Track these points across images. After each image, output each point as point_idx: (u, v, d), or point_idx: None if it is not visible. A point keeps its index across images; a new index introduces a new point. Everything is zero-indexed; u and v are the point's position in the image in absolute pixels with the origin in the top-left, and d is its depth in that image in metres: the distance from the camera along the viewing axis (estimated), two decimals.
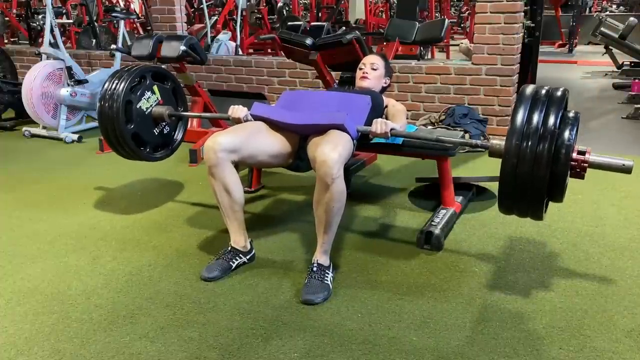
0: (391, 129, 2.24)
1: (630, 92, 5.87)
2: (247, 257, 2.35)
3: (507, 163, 1.80)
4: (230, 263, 2.28)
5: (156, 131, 2.78)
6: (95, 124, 5.08)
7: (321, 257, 2.17)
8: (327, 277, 2.13)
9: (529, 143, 1.76)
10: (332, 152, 2.04)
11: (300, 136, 2.40)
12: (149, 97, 2.69)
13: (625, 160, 1.88)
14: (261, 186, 3.35)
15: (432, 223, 2.59)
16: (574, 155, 1.84)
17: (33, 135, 4.78)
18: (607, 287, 2.14)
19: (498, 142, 2.01)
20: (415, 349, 1.79)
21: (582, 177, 1.88)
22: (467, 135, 3.98)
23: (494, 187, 3.27)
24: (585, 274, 2.25)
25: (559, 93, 1.85)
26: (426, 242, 2.49)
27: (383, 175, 3.63)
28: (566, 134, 1.79)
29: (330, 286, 2.12)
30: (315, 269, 2.14)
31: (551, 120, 1.77)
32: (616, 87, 6.82)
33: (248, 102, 4.87)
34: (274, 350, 1.79)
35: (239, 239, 2.33)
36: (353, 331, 1.88)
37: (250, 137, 2.28)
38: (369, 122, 2.40)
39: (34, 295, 2.15)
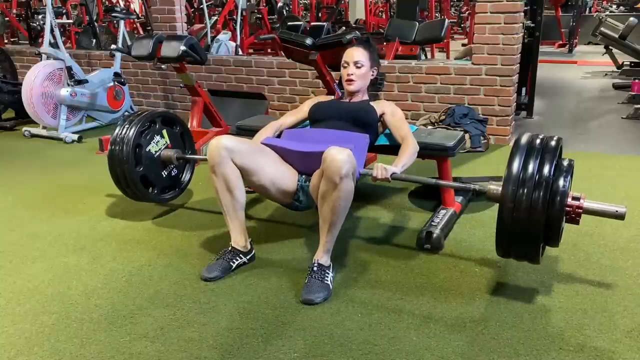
0: (392, 174, 2.25)
1: (630, 92, 5.87)
2: (247, 257, 2.35)
3: (504, 208, 1.87)
4: (231, 263, 2.28)
5: (164, 173, 2.85)
6: (95, 123, 5.09)
7: (322, 257, 2.17)
8: (327, 277, 2.13)
9: (525, 190, 1.83)
10: (340, 153, 2.03)
11: (301, 176, 2.39)
12: (157, 141, 2.77)
13: (619, 206, 1.93)
14: None
15: (432, 223, 2.59)
16: (569, 201, 1.91)
17: (33, 135, 4.78)
18: (607, 287, 2.14)
19: (495, 187, 2.06)
20: (415, 349, 1.79)
21: (577, 223, 1.95)
22: (467, 135, 3.98)
23: None
24: (585, 274, 2.25)
25: (553, 142, 1.94)
26: (426, 242, 2.49)
27: None
28: (561, 181, 1.87)
29: (330, 286, 2.12)
30: (315, 268, 2.14)
31: (546, 168, 1.85)
32: (616, 87, 6.82)
33: (248, 102, 4.91)
34: (274, 350, 1.79)
35: (239, 238, 2.33)
36: (353, 331, 1.88)
37: (256, 152, 2.32)
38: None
39: (34, 295, 2.15)
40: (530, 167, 1.86)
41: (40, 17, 7.78)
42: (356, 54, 2.59)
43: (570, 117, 5.37)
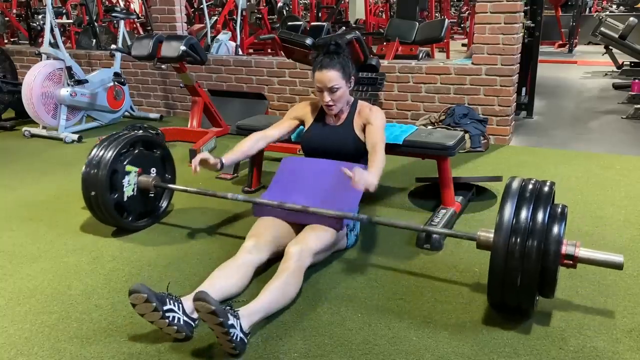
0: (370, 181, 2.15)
1: (630, 92, 5.88)
2: (184, 316, 1.84)
3: (496, 258, 1.78)
4: (164, 299, 1.80)
5: (141, 199, 2.70)
6: (95, 123, 5.09)
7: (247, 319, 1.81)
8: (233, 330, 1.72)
9: (518, 239, 1.75)
10: (296, 245, 2.12)
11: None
12: (129, 182, 2.62)
13: (616, 255, 1.85)
14: (261, 186, 3.35)
15: (432, 223, 2.59)
16: (564, 250, 1.81)
17: (33, 135, 4.78)
18: (607, 287, 2.14)
19: (486, 234, 1.95)
20: (415, 349, 1.79)
21: (575, 267, 1.86)
22: (467, 135, 3.98)
23: (493, 187, 3.27)
24: (586, 274, 2.25)
25: (546, 188, 1.87)
26: (426, 242, 2.49)
27: (383, 175, 3.61)
28: (555, 229, 1.79)
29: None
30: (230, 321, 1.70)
31: (539, 215, 1.77)
32: (616, 87, 6.82)
33: (248, 102, 4.91)
34: (274, 350, 1.79)
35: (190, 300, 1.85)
36: (353, 331, 1.88)
37: (278, 238, 2.27)
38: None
39: (34, 295, 2.15)
40: (523, 214, 1.78)
41: (40, 17, 7.79)
42: (328, 78, 2.37)
43: (570, 117, 5.37)
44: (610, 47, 7.71)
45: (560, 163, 3.77)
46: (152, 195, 2.75)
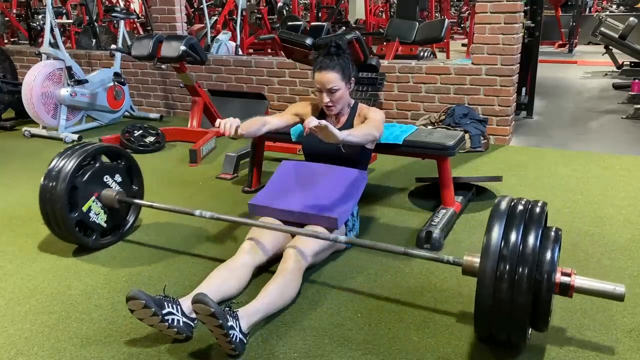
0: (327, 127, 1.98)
1: (630, 92, 5.88)
2: (183, 317, 1.82)
3: (483, 286, 1.61)
4: (162, 303, 1.78)
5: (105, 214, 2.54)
6: (95, 123, 5.09)
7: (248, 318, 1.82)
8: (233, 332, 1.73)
9: (507, 266, 1.58)
10: (294, 246, 2.14)
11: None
12: (98, 214, 2.48)
13: (617, 285, 1.67)
14: (261, 186, 3.35)
15: (432, 223, 2.59)
16: (558, 279, 1.65)
17: (33, 135, 4.78)
18: None
19: (472, 259, 1.80)
20: (415, 349, 1.79)
21: (571, 297, 1.71)
22: (467, 135, 3.99)
23: (494, 187, 3.27)
24: (585, 274, 2.24)
25: (538, 209, 1.71)
26: (426, 241, 2.49)
27: (383, 175, 3.63)
28: (548, 255, 1.62)
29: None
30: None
31: (531, 240, 1.60)
32: (616, 87, 6.82)
33: (248, 102, 4.91)
34: (274, 350, 1.79)
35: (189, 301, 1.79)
36: (353, 331, 1.88)
37: (277, 239, 2.27)
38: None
39: (34, 295, 2.15)
40: (513, 238, 1.60)
41: (40, 17, 7.79)
42: (327, 80, 2.38)
43: (570, 117, 5.37)
44: (610, 47, 7.71)
45: (560, 163, 3.77)
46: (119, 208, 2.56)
